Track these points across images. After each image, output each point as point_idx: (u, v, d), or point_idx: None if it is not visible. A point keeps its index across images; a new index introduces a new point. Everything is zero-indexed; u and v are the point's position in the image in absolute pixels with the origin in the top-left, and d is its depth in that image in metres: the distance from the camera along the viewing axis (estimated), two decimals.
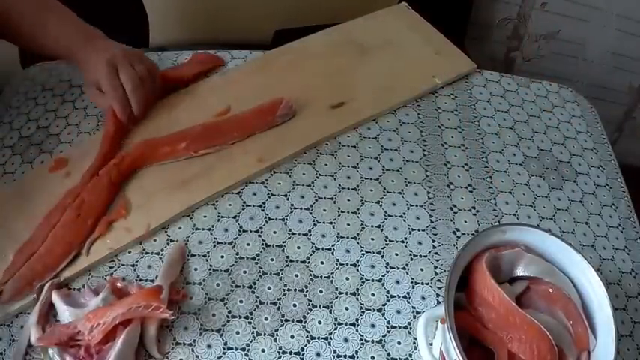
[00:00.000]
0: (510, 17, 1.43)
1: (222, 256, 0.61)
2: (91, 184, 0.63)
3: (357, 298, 0.59)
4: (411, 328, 0.57)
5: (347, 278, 0.60)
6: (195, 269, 0.60)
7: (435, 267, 0.62)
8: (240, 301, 0.58)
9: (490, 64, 0.98)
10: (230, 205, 0.65)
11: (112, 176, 0.64)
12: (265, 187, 0.67)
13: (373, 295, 0.59)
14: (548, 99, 0.83)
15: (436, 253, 0.63)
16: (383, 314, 0.58)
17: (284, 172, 0.69)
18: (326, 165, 0.70)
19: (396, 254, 0.63)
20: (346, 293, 0.59)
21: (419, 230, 0.65)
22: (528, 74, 0.95)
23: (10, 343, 0.54)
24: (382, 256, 0.62)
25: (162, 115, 0.73)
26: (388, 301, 0.59)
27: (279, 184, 0.68)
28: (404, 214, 0.66)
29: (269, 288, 0.59)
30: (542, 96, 0.84)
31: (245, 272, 0.60)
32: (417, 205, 0.67)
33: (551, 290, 0.53)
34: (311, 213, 0.65)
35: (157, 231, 0.62)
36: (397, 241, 0.64)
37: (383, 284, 0.60)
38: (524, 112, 0.81)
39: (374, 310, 0.58)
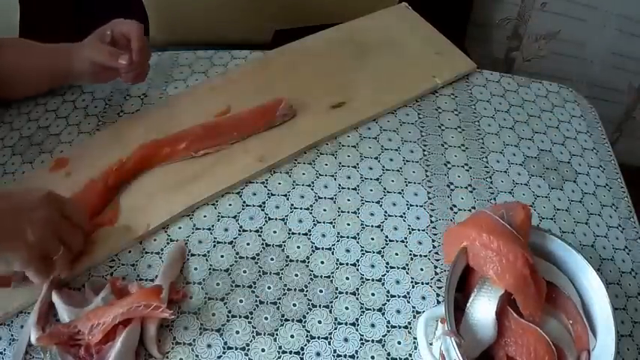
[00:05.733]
0: (510, 17, 1.43)
1: (222, 256, 0.61)
2: (85, 185, 0.63)
3: (357, 298, 0.59)
4: (411, 328, 0.57)
5: (347, 278, 0.60)
6: (195, 269, 0.60)
7: (435, 267, 0.62)
8: (240, 301, 0.58)
9: (490, 64, 0.98)
10: (230, 204, 0.65)
11: (110, 180, 0.64)
12: (265, 186, 0.67)
13: (373, 295, 0.59)
14: (549, 99, 0.83)
15: (436, 253, 0.63)
16: (383, 314, 0.58)
17: (284, 172, 0.69)
18: (326, 165, 0.70)
19: (396, 254, 0.63)
20: (346, 293, 0.59)
21: (419, 230, 0.65)
22: (528, 74, 0.95)
23: (10, 343, 0.54)
24: (382, 256, 0.62)
25: (163, 115, 0.73)
26: (388, 300, 0.59)
27: (279, 183, 0.68)
28: (404, 214, 0.66)
29: (269, 288, 0.59)
30: (542, 96, 0.84)
31: (245, 272, 0.60)
32: (417, 205, 0.67)
33: (551, 290, 0.53)
34: (311, 213, 0.65)
35: (157, 231, 0.62)
36: (397, 241, 0.64)
37: (383, 284, 0.60)
38: (524, 112, 0.81)
39: (374, 309, 0.58)
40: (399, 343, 0.56)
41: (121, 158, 0.66)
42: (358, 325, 0.57)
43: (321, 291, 0.59)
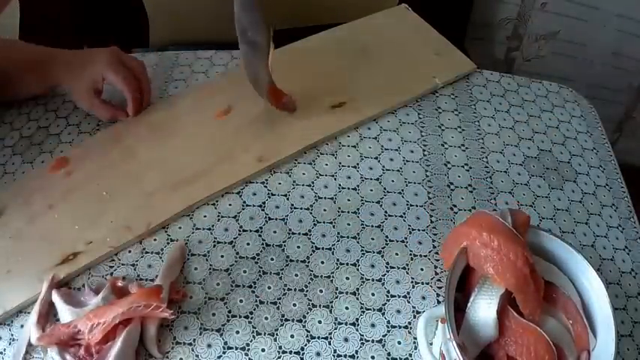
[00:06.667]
0: (510, 17, 1.43)
1: (222, 256, 0.61)
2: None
3: (357, 298, 0.59)
4: (411, 328, 0.57)
5: (347, 278, 0.60)
6: (195, 269, 0.60)
7: (435, 267, 0.62)
8: (240, 301, 0.58)
9: (490, 64, 0.98)
10: (230, 204, 0.65)
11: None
12: (265, 186, 0.67)
13: (373, 295, 0.59)
14: (548, 99, 0.83)
15: (436, 253, 0.63)
16: (383, 314, 0.58)
17: (284, 172, 0.69)
18: (326, 165, 0.70)
19: (396, 254, 0.63)
20: (346, 293, 0.59)
21: (419, 230, 0.65)
22: (528, 74, 0.95)
23: (10, 343, 0.54)
24: (382, 256, 0.62)
25: (163, 115, 0.73)
26: (388, 300, 0.59)
27: (279, 183, 0.68)
28: (404, 214, 0.66)
29: (269, 288, 0.59)
30: (542, 96, 0.84)
31: (245, 272, 0.60)
32: (417, 205, 0.67)
33: (551, 290, 0.53)
34: (311, 213, 0.65)
35: (156, 230, 0.62)
36: (397, 241, 0.64)
37: (383, 284, 0.60)
38: (524, 112, 0.81)
39: (374, 309, 0.58)
40: (399, 343, 0.56)
41: None
42: (358, 325, 0.57)
43: (321, 291, 0.59)
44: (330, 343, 0.55)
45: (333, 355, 0.55)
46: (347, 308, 0.58)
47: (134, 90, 0.70)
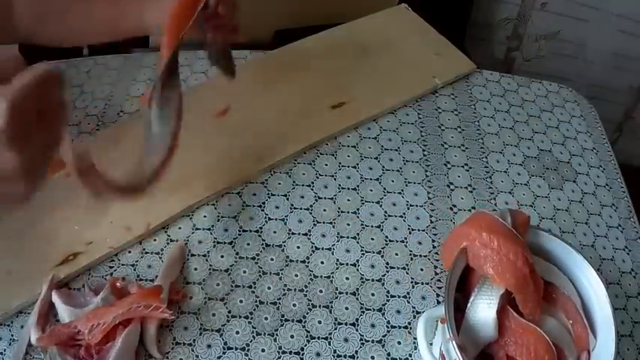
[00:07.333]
0: (510, 17, 1.43)
1: (222, 256, 0.61)
2: None
3: (357, 298, 0.59)
4: (411, 328, 0.57)
5: (347, 278, 0.60)
6: (195, 269, 0.60)
7: (435, 267, 0.62)
8: (240, 301, 0.58)
9: (490, 64, 0.98)
10: (230, 205, 0.65)
11: None
12: (265, 187, 0.67)
13: (373, 295, 0.59)
14: (548, 99, 0.83)
15: (436, 253, 0.63)
16: (383, 314, 0.58)
17: (284, 172, 0.69)
18: (326, 165, 0.70)
19: (396, 254, 0.63)
20: (346, 293, 0.59)
21: (419, 230, 0.65)
22: (528, 74, 0.95)
23: (10, 343, 0.54)
24: (382, 256, 0.62)
25: None
26: (388, 301, 0.59)
27: (279, 184, 0.68)
28: (404, 214, 0.66)
29: (269, 288, 0.59)
30: (542, 96, 0.84)
31: (245, 272, 0.60)
32: (417, 205, 0.67)
33: (551, 290, 0.53)
34: (311, 213, 0.65)
35: (156, 231, 0.62)
36: (397, 241, 0.64)
37: (383, 284, 0.60)
38: (524, 112, 0.81)
39: (374, 310, 0.58)
40: (399, 343, 0.56)
41: None
42: (358, 325, 0.57)
43: (321, 291, 0.59)
44: (330, 344, 0.55)
45: (333, 356, 0.55)
46: (347, 308, 0.58)
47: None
